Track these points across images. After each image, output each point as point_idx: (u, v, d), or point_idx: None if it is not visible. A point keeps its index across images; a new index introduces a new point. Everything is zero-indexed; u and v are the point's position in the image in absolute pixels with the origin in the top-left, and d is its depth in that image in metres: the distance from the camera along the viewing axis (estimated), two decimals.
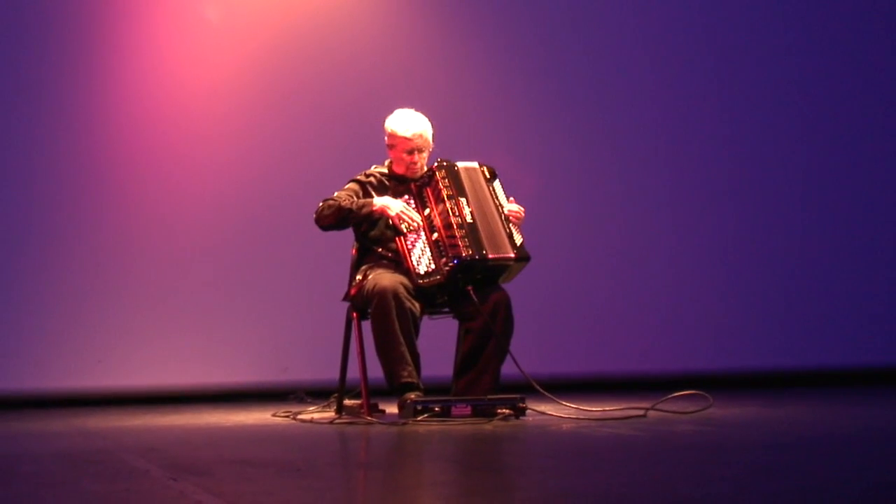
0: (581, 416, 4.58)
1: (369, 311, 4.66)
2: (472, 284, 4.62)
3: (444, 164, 4.79)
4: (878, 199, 7.35)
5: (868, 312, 7.23)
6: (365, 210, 4.69)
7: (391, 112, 4.89)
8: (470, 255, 4.58)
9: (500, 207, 4.79)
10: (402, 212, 4.67)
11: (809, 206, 7.27)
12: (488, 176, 4.87)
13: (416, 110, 4.89)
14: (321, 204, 4.76)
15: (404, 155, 4.81)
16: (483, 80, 6.92)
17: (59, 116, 6.35)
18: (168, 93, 6.51)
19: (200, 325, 6.40)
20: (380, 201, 4.70)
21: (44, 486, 2.87)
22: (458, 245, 4.59)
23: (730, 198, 7.17)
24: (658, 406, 4.67)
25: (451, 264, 4.56)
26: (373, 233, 4.80)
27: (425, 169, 4.86)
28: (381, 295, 4.51)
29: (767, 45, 7.30)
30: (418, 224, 4.67)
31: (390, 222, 4.70)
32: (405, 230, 4.67)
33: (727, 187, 7.17)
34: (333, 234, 5.26)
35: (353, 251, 4.94)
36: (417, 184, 4.78)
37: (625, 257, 7.01)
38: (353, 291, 4.79)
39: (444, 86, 6.77)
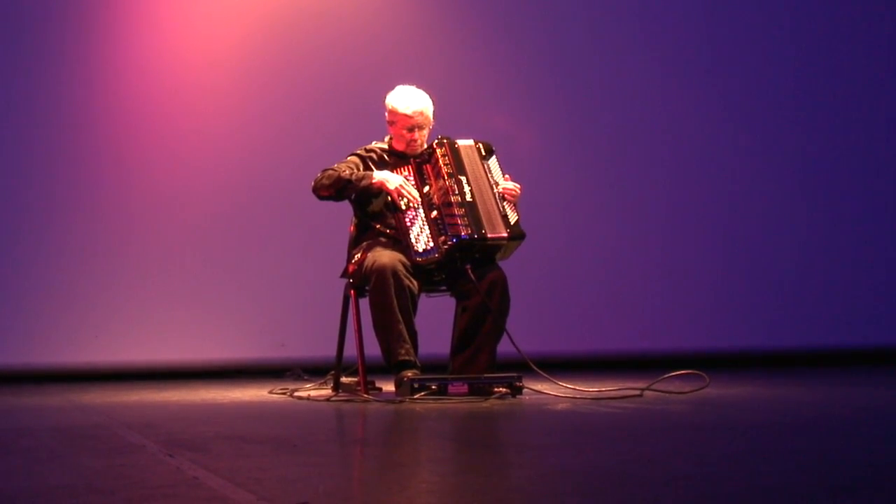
0: (577, 396, 4.58)
1: (367, 288, 4.65)
2: (470, 263, 4.61)
3: (445, 141, 4.76)
4: (874, 183, 7.35)
5: (865, 293, 7.24)
6: (364, 182, 4.67)
7: (392, 86, 4.86)
8: (469, 235, 4.57)
9: (494, 185, 4.77)
10: (401, 186, 4.65)
11: (806, 188, 7.27)
12: (483, 153, 4.84)
13: (417, 86, 4.86)
14: (320, 173, 4.73)
15: (404, 132, 4.79)
16: (483, 56, 6.90)
17: (56, 91, 6.33)
18: (166, 66, 6.49)
19: (197, 301, 6.40)
20: (379, 175, 4.68)
21: (39, 461, 2.87)
22: (458, 224, 4.58)
23: (728, 179, 7.17)
24: (654, 386, 4.67)
25: (450, 243, 4.55)
26: (372, 209, 4.78)
27: (425, 146, 4.84)
28: (380, 272, 4.50)
29: (768, 33, 7.30)
30: (417, 201, 4.65)
31: (389, 198, 4.69)
32: (403, 206, 4.65)
33: (725, 169, 7.17)
34: (332, 211, 5.26)
35: (352, 228, 4.92)
36: (417, 160, 4.75)
37: (623, 237, 7.00)
38: (351, 268, 4.78)
39: (445, 61, 6.74)
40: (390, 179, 4.66)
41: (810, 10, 7.37)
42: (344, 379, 4.94)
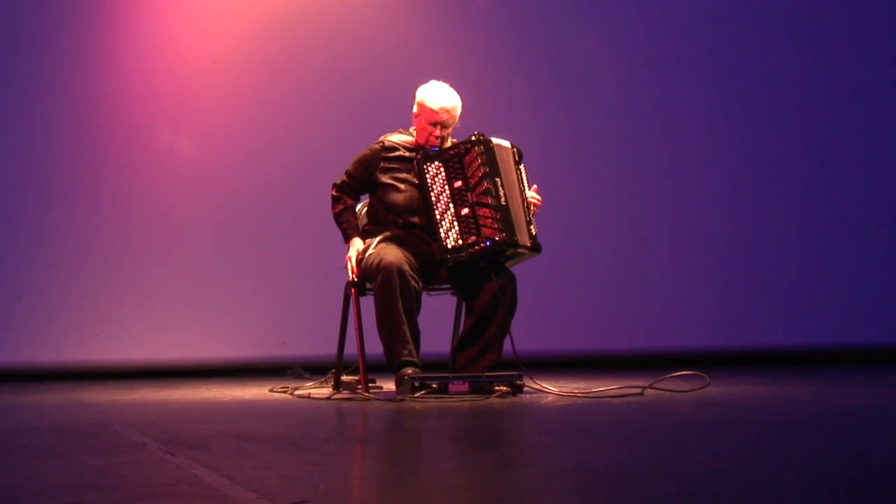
0: (579, 394, 4.58)
1: (369, 286, 4.65)
2: (490, 263, 4.60)
3: (482, 138, 4.69)
4: (874, 182, 7.35)
5: (866, 292, 7.24)
6: (343, 236, 4.81)
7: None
8: (504, 239, 4.55)
9: (523, 193, 4.76)
10: (348, 258, 4.69)
11: (807, 188, 7.26)
12: (517, 158, 4.82)
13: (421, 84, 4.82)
14: (332, 197, 4.84)
15: (428, 126, 4.73)
16: (491, 61, 6.89)
17: (58, 90, 6.33)
18: (168, 65, 6.49)
19: (198, 300, 6.40)
20: (350, 244, 4.73)
21: (40, 459, 2.87)
22: (493, 227, 4.55)
23: (729, 180, 7.17)
24: (655, 385, 4.67)
25: (482, 245, 4.53)
26: (393, 200, 4.74)
27: (449, 143, 4.80)
28: (386, 271, 4.48)
29: (775, 37, 7.30)
30: (354, 274, 4.65)
31: (410, 192, 4.68)
32: (350, 276, 4.68)
33: (726, 171, 7.17)
34: None
35: (363, 207, 4.92)
36: (452, 153, 4.69)
37: (625, 236, 7.00)
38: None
39: (450, 63, 6.71)
40: (350, 251, 4.71)
41: (817, 12, 7.36)
42: (344, 377, 4.93)
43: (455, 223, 4.59)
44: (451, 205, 4.61)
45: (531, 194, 4.78)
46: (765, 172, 7.21)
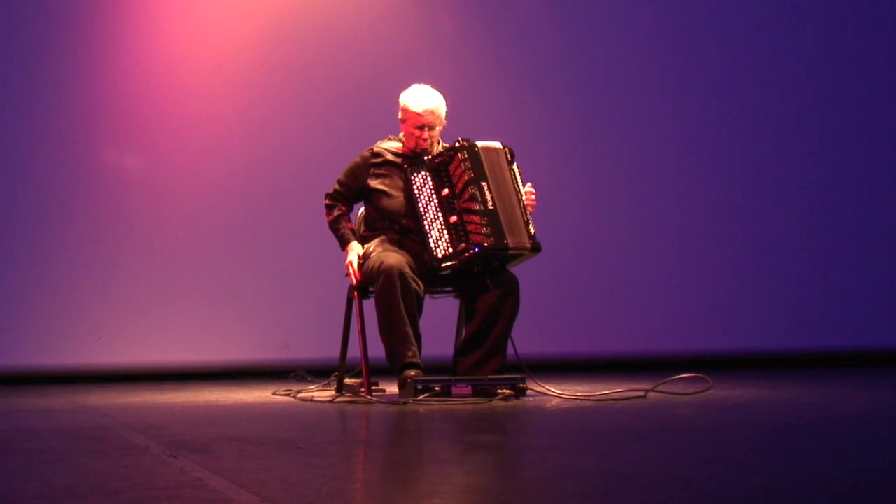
0: (582, 397, 4.58)
1: (371, 289, 4.64)
2: (486, 268, 4.59)
3: (466, 144, 4.67)
4: (877, 184, 7.34)
5: (870, 295, 7.23)
6: (340, 243, 4.84)
7: (398, 88, 4.84)
8: (492, 245, 4.54)
9: (518, 193, 4.75)
10: (349, 263, 4.71)
11: (812, 190, 7.25)
12: (510, 158, 4.81)
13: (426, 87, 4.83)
14: (325, 206, 4.88)
15: (415, 130, 4.74)
16: (491, 62, 6.89)
17: (59, 91, 6.33)
18: (170, 69, 6.49)
19: (201, 303, 6.40)
20: (349, 249, 4.76)
21: (43, 462, 2.88)
22: (481, 233, 4.53)
23: (733, 182, 7.16)
24: (658, 388, 4.67)
25: (472, 251, 4.52)
26: (386, 206, 4.74)
27: (439, 145, 4.79)
28: (386, 274, 4.49)
29: (776, 38, 7.29)
30: (358, 279, 4.67)
31: (405, 197, 4.70)
32: (353, 280, 4.69)
33: (730, 172, 7.16)
34: None
35: (355, 226, 4.91)
36: (437, 161, 4.68)
37: (628, 239, 6.99)
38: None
39: (453, 66, 6.72)
40: (349, 255, 4.74)
41: (819, 11, 7.35)
42: (347, 380, 4.94)
43: (444, 231, 4.59)
44: (439, 213, 4.61)
45: (527, 189, 4.76)
46: (768, 176, 7.20)
